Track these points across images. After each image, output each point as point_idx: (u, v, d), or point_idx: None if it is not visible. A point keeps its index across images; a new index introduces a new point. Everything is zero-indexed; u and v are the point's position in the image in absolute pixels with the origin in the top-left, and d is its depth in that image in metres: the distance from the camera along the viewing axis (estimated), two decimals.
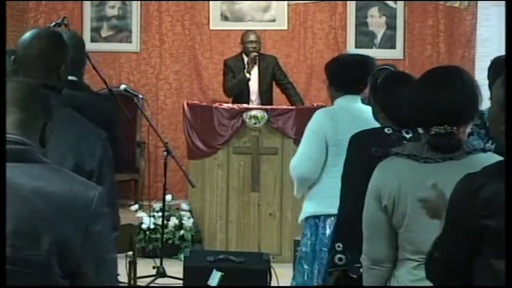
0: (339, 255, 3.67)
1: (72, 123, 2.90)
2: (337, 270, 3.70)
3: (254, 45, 8.01)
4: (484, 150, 2.80)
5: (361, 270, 3.53)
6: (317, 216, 4.39)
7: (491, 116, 2.30)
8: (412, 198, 2.76)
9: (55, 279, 1.83)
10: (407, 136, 3.51)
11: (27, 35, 2.99)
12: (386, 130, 3.52)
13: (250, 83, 8.02)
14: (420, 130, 3.46)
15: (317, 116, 4.43)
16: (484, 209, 2.14)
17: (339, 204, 3.72)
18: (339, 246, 3.67)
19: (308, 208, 4.45)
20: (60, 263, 1.83)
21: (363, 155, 3.52)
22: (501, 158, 2.26)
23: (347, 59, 4.54)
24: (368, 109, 4.24)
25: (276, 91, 8.22)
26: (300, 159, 4.40)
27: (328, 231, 4.31)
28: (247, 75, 7.97)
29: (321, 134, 4.33)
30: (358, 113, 4.28)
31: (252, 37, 8.04)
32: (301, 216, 4.52)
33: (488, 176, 2.19)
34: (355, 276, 3.64)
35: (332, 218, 4.26)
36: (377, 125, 3.73)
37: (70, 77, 3.72)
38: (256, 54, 7.98)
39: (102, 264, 1.91)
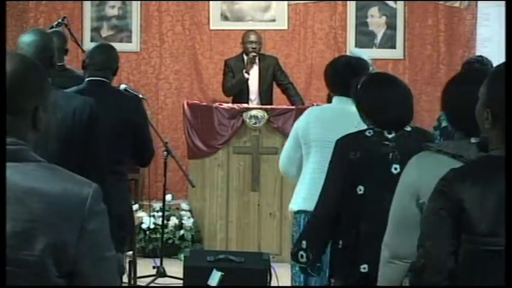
0: (301, 252, 3.73)
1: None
2: (299, 265, 3.82)
3: (254, 45, 8.01)
4: None
5: (318, 265, 3.66)
6: (299, 212, 4.49)
7: (477, 114, 2.36)
8: None
9: (50, 279, 1.83)
10: (390, 136, 3.54)
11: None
12: (367, 133, 3.59)
13: (249, 83, 8.02)
14: (408, 128, 3.53)
15: (303, 114, 4.59)
16: (463, 200, 2.25)
17: (316, 203, 3.77)
18: (303, 244, 3.74)
19: (292, 204, 4.56)
20: (56, 263, 1.83)
21: (342, 159, 3.62)
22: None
23: (338, 62, 4.56)
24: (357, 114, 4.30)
25: (276, 91, 8.21)
26: (282, 154, 4.67)
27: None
28: (246, 75, 7.97)
29: (294, 133, 4.52)
30: (341, 114, 4.30)
31: (253, 37, 8.04)
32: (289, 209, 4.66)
33: (470, 169, 2.31)
34: (314, 275, 3.71)
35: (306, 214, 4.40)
36: (363, 126, 3.76)
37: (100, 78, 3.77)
38: (255, 54, 7.98)
39: (101, 262, 1.89)
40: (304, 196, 4.39)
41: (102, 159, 3.77)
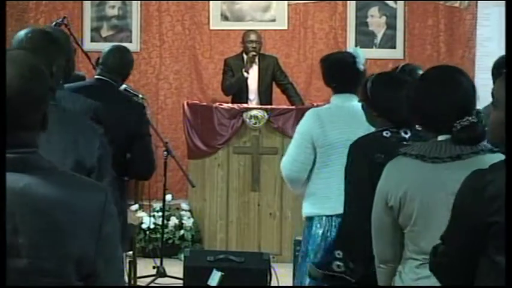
0: (337, 262, 3.59)
1: (67, 121, 2.89)
2: (332, 275, 3.62)
3: (254, 45, 8.01)
4: (492, 150, 2.79)
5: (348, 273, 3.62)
6: (311, 217, 4.40)
7: (497, 119, 2.27)
8: (420, 199, 2.76)
9: (72, 284, 1.85)
10: (407, 136, 3.50)
11: (21, 32, 3.00)
12: (384, 134, 3.50)
13: (249, 82, 8.02)
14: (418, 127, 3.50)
15: (306, 117, 4.45)
16: (490, 206, 2.16)
17: (343, 212, 3.64)
18: (338, 254, 3.60)
19: (304, 209, 4.47)
20: (77, 269, 1.84)
21: (364, 161, 3.50)
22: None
23: (344, 59, 4.50)
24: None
25: (276, 91, 8.21)
26: (287, 161, 4.43)
27: (320, 231, 4.33)
28: (245, 74, 7.97)
29: (307, 137, 4.34)
30: (350, 112, 4.27)
31: (253, 37, 8.04)
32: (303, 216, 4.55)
33: (495, 173, 2.20)
34: (353, 280, 3.63)
35: (324, 219, 4.31)
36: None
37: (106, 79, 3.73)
38: (254, 53, 7.98)
39: (113, 262, 1.92)
40: (338, 199, 4.02)
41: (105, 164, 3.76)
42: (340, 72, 4.38)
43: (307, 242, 4.39)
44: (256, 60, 8.05)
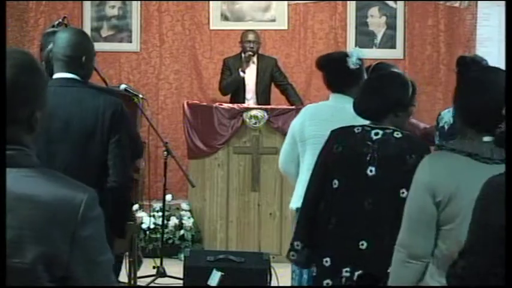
0: (292, 252, 3.79)
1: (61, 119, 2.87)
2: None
3: (252, 45, 8.00)
4: None
5: (291, 253, 3.74)
6: (296, 210, 4.47)
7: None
8: (471, 198, 2.73)
9: (42, 285, 1.81)
10: (374, 138, 3.53)
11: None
12: (355, 129, 3.60)
13: (246, 82, 8.01)
14: (389, 130, 3.53)
15: (298, 114, 4.60)
16: None
17: (303, 198, 3.83)
18: (296, 244, 3.79)
19: (292, 202, 4.55)
20: (48, 270, 1.81)
21: (327, 151, 3.67)
22: None
23: (328, 58, 4.54)
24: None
25: (275, 91, 8.21)
26: (280, 155, 4.65)
27: None
28: (242, 73, 7.96)
29: (292, 131, 4.52)
30: (336, 111, 4.29)
31: (251, 37, 8.04)
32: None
33: None
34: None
35: None
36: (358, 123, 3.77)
37: (69, 75, 3.77)
38: (251, 53, 7.97)
39: (95, 267, 1.87)
40: (301, 194, 4.37)
41: (125, 158, 3.80)
42: (329, 72, 4.42)
43: None
44: (255, 60, 8.05)
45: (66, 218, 1.83)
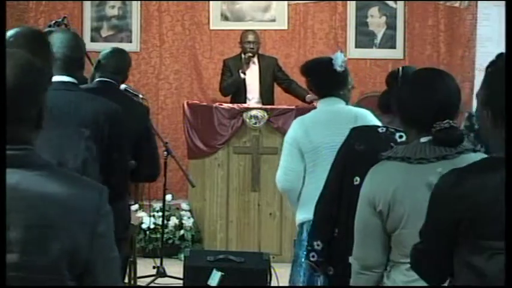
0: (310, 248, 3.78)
1: (54, 123, 2.89)
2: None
3: (252, 45, 7.99)
4: (474, 150, 2.82)
5: (311, 254, 3.71)
6: (302, 224, 4.41)
7: (479, 114, 2.34)
8: (409, 201, 2.77)
9: (64, 282, 1.84)
10: (399, 140, 3.53)
11: (8, 33, 3.02)
12: (379, 129, 3.57)
13: (247, 82, 8.00)
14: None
15: (292, 125, 4.49)
16: (458, 204, 2.21)
17: (319, 194, 3.80)
18: (314, 241, 3.77)
19: (297, 216, 4.47)
20: (69, 266, 1.84)
21: (347, 148, 3.64)
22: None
23: (312, 63, 4.55)
24: (350, 109, 4.31)
25: (277, 91, 8.20)
26: (281, 172, 4.45)
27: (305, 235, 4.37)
28: (242, 75, 7.95)
29: (294, 144, 4.37)
30: (333, 115, 4.30)
31: (250, 37, 8.03)
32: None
33: (468, 172, 2.25)
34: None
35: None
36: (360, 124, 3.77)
37: (67, 78, 3.75)
38: (250, 54, 7.95)
39: (108, 263, 1.92)
40: (311, 205, 4.28)
41: (122, 163, 3.75)
42: (318, 77, 4.42)
43: (298, 246, 4.42)
44: (255, 60, 8.04)
45: (86, 215, 1.87)
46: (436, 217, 2.31)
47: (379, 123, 3.77)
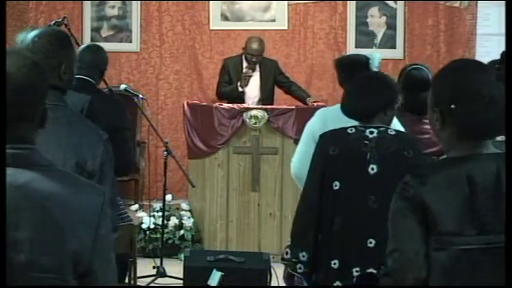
0: (286, 249, 3.85)
1: (73, 123, 2.92)
2: (284, 264, 3.90)
3: (255, 58, 7.85)
4: None
5: (298, 266, 3.71)
6: None
7: (428, 116, 2.39)
8: None
9: (68, 282, 1.87)
10: (370, 136, 3.57)
11: (32, 33, 3.01)
12: (349, 130, 3.63)
13: (247, 89, 7.93)
14: (382, 128, 3.57)
15: (315, 116, 4.51)
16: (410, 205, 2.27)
17: (299, 200, 3.83)
18: (289, 241, 3.84)
19: None
20: (74, 267, 1.86)
21: (322, 154, 3.67)
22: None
23: (350, 58, 4.55)
24: None
25: (276, 91, 8.19)
26: (295, 159, 4.48)
27: None
28: (240, 88, 7.88)
29: (310, 134, 4.39)
30: None
31: (255, 46, 7.86)
32: None
33: (426, 172, 2.32)
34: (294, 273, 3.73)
35: None
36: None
37: (85, 77, 3.75)
38: (250, 70, 7.86)
39: (108, 262, 1.95)
40: None
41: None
42: (352, 73, 4.42)
43: None
44: (257, 67, 7.97)
45: (91, 217, 1.90)
46: (408, 214, 2.32)
47: (400, 127, 3.82)
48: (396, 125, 3.95)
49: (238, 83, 7.85)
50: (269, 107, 7.59)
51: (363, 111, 3.66)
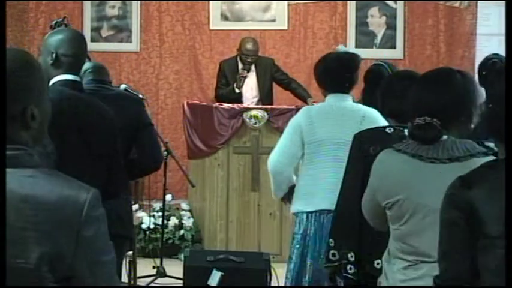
0: (332, 251, 3.73)
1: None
2: (330, 266, 3.76)
3: (250, 58, 7.83)
4: (486, 153, 2.79)
5: (349, 267, 3.64)
6: (296, 214, 4.45)
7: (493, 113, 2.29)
8: (416, 199, 2.76)
9: (46, 285, 1.80)
10: None
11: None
12: (387, 130, 3.54)
13: (244, 89, 7.92)
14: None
15: (298, 113, 4.51)
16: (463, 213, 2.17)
17: (336, 202, 3.77)
18: (331, 243, 3.74)
19: (293, 205, 4.50)
20: (52, 270, 1.80)
21: (360, 154, 3.59)
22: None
23: (329, 59, 4.53)
24: (359, 108, 4.32)
25: (276, 91, 8.19)
26: (275, 153, 4.46)
27: (301, 230, 4.39)
28: (237, 90, 7.88)
29: (297, 130, 4.39)
30: (341, 111, 4.32)
31: (249, 46, 7.86)
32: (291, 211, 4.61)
33: (473, 177, 2.22)
34: (348, 276, 3.69)
35: (305, 216, 4.38)
36: (367, 123, 3.76)
37: (72, 77, 3.73)
38: (245, 71, 7.86)
39: (99, 267, 1.86)
40: (323, 196, 4.28)
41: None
42: (328, 73, 4.42)
43: (296, 238, 4.46)
44: (252, 66, 7.96)
45: (70, 218, 1.82)
46: (458, 221, 2.23)
47: (386, 123, 3.78)
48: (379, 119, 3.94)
49: (235, 85, 7.85)
50: (269, 107, 7.59)
51: (401, 112, 3.56)
